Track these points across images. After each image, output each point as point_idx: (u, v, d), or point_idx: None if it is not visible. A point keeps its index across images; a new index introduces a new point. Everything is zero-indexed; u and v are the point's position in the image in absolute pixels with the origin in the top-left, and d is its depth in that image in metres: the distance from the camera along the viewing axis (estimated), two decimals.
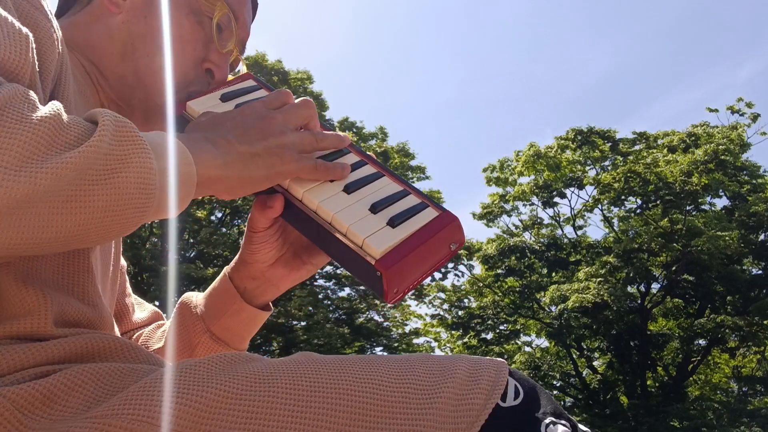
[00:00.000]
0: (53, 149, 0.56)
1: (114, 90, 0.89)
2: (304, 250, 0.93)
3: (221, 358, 0.67)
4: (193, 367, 0.64)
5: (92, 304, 0.77)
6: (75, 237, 0.59)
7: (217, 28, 0.92)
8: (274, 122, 0.78)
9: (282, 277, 0.93)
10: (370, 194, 0.82)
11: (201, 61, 0.92)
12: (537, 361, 16.83)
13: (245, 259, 0.93)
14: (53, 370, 0.64)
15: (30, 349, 0.65)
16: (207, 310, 0.96)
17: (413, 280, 0.77)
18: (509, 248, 17.54)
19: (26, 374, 0.63)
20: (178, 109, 0.89)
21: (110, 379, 0.64)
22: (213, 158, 0.71)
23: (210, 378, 0.62)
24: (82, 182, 0.57)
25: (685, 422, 14.20)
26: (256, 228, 0.89)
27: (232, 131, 0.75)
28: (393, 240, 0.75)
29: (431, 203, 0.82)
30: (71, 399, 0.61)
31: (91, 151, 0.57)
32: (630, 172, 16.10)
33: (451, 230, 0.80)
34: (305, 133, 0.81)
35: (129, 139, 0.61)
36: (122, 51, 0.87)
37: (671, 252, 15.57)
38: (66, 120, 0.59)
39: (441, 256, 0.80)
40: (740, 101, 16.84)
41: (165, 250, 13.31)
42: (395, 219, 0.78)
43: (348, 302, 17.11)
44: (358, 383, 0.64)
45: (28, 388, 0.59)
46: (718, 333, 15.07)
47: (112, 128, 0.60)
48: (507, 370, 0.70)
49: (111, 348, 0.72)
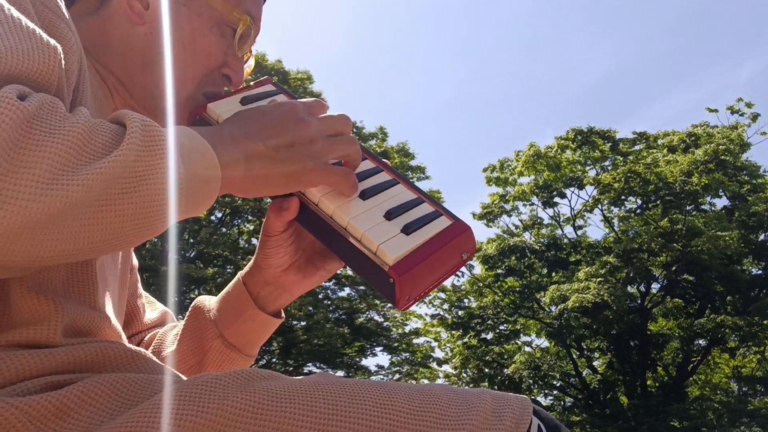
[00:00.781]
0: (83, 159, 0.56)
1: (135, 99, 0.89)
2: (317, 255, 0.93)
3: (239, 374, 0.66)
4: (209, 383, 0.63)
5: (98, 311, 0.77)
6: (105, 245, 0.59)
7: (239, 38, 0.92)
8: (309, 128, 0.77)
9: (295, 282, 0.94)
10: (385, 201, 0.83)
11: (220, 66, 0.93)
12: (537, 361, 16.82)
13: (259, 264, 0.93)
14: (64, 380, 0.64)
15: (37, 356, 0.64)
16: (220, 315, 0.96)
17: (425, 288, 0.78)
18: (509, 248, 17.54)
19: (36, 383, 0.62)
20: (199, 110, 0.90)
21: (125, 393, 0.64)
22: (235, 161, 0.70)
23: (226, 394, 0.61)
24: (112, 191, 0.57)
25: (685, 422, 14.19)
26: (271, 231, 0.89)
27: (264, 130, 0.74)
28: (407, 247, 0.77)
29: (444, 212, 0.84)
30: (84, 413, 0.61)
31: (120, 159, 0.57)
32: (630, 172, 16.10)
33: (464, 239, 0.82)
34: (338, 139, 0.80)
35: (156, 143, 0.61)
36: (144, 62, 0.87)
37: (671, 252, 15.57)
38: (94, 126, 0.59)
39: (452, 264, 0.81)
40: (740, 101, 16.84)
41: (165, 250, 13.31)
42: (410, 226, 0.79)
43: (348, 302, 17.10)
44: (378, 411, 0.63)
45: (41, 400, 0.59)
46: (718, 333, 15.06)
47: (140, 133, 0.60)
48: (531, 408, 0.69)
49: (120, 357, 0.71)
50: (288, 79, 16.22)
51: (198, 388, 0.62)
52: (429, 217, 0.82)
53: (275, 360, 15.93)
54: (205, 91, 0.92)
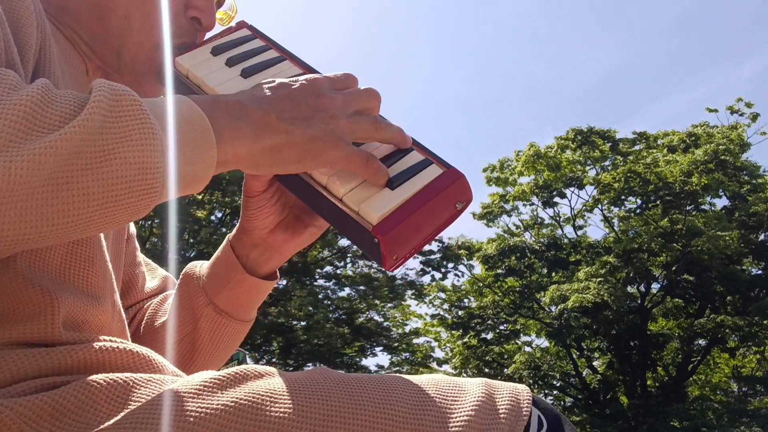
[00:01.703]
0: (33, 132, 0.50)
1: (98, 56, 0.83)
2: (305, 212, 0.89)
3: (234, 373, 0.65)
4: (206, 383, 0.62)
5: (95, 296, 0.75)
6: (71, 228, 0.53)
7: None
8: (332, 103, 0.69)
9: (284, 242, 0.89)
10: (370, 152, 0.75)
11: (184, 9, 0.85)
12: (537, 361, 16.81)
13: (244, 226, 0.89)
14: (61, 381, 0.62)
15: (35, 356, 0.63)
16: (209, 281, 0.93)
17: (415, 244, 0.72)
18: (509, 248, 17.54)
19: (32, 384, 0.61)
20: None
21: (121, 393, 0.63)
22: (241, 135, 0.63)
23: (223, 394, 0.61)
24: (71, 168, 0.51)
25: (685, 422, 14.19)
26: (252, 192, 0.84)
27: (279, 102, 0.67)
28: (391, 203, 0.70)
29: (435, 159, 0.77)
30: (80, 413, 0.59)
31: (78, 131, 0.51)
32: (630, 172, 16.10)
33: (457, 188, 0.74)
34: (363, 118, 0.72)
35: (128, 112, 0.54)
36: (99, 15, 0.81)
37: (671, 252, 15.57)
38: (50, 97, 0.53)
39: (446, 216, 0.75)
40: (740, 101, 16.84)
41: (165, 250, 13.30)
42: (394, 180, 0.72)
43: (348, 302, 17.10)
44: (375, 405, 0.62)
45: (36, 401, 0.57)
46: (718, 333, 15.06)
47: (107, 101, 0.54)
48: (531, 399, 0.68)
49: (120, 358, 0.70)
50: None
51: (195, 388, 0.61)
52: (417, 167, 0.75)
53: (275, 360, 15.93)
54: (177, 42, 0.85)
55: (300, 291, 15.46)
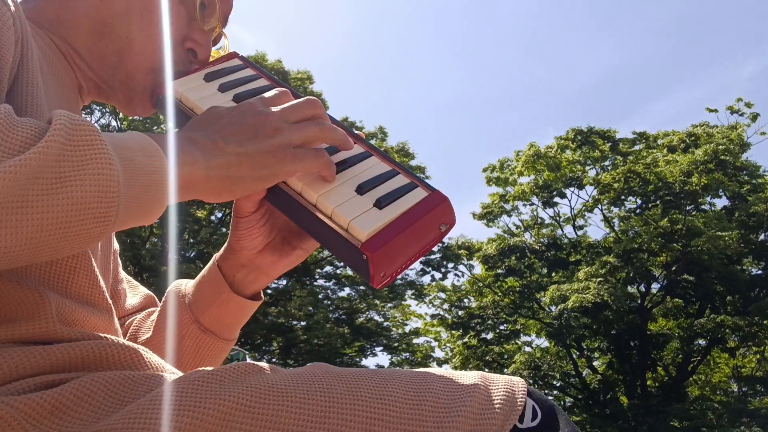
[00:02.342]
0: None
1: (93, 70, 0.85)
2: (293, 235, 0.90)
3: (233, 369, 0.65)
4: (205, 378, 0.62)
5: (87, 303, 0.76)
6: (22, 254, 0.54)
7: (200, 6, 0.89)
8: (269, 118, 0.72)
9: (271, 263, 0.90)
10: (357, 174, 0.79)
11: (183, 40, 0.89)
12: (537, 361, 16.82)
13: (233, 247, 0.90)
14: (60, 379, 0.63)
15: (33, 354, 0.63)
16: (195, 300, 0.94)
17: (402, 263, 0.74)
18: (509, 248, 17.54)
19: (32, 382, 0.61)
20: (161, 89, 0.86)
21: (120, 390, 0.63)
22: (193, 161, 0.66)
23: (222, 390, 0.61)
24: (27, 193, 0.52)
25: (685, 422, 14.20)
26: (242, 213, 0.86)
27: (222, 129, 0.70)
28: (380, 222, 0.73)
29: (420, 183, 0.80)
30: (80, 410, 0.60)
31: (37, 158, 0.52)
32: (630, 172, 16.11)
33: (441, 211, 0.77)
34: (307, 123, 0.74)
35: (86, 141, 0.56)
36: (100, 30, 0.83)
37: (671, 252, 15.57)
38: (11, 123, 0.54)
39: (431, 237, 0.77)
40: (740, 101, 16.85)
41: (165, 250, 13.31)
42: (382, 200, 0.75)
43: (348, 302, 17.11)
44: (374, 399, 0.63)
45: (37, 398, 0.58)
46: (718, 333, 15.07)
47: (66, 130, 0.55)
48: (526, 390, 0.69)
49: (117, 355, 0.70)
50: (288, 79, 16.21)
51: (194, 384, 0.61)
52: (404, 189, 0.78)
53: (275, 360, 15.93)
54: (172, 69, 0.88)
55: (300, 291, 15.47)
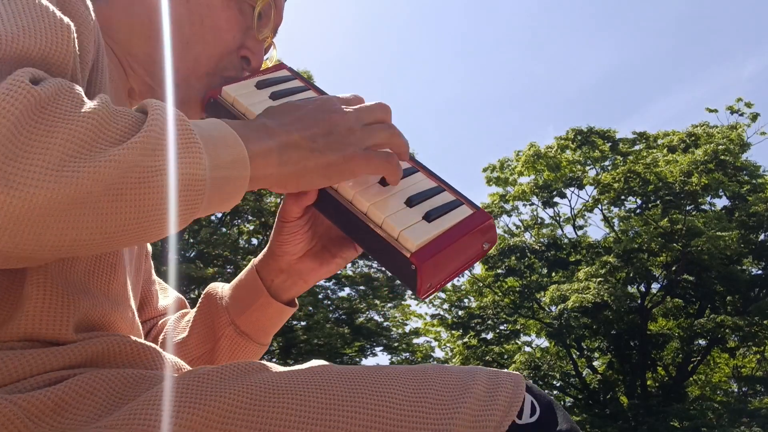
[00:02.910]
0: (98, 145, 0.54)
1: (149, 74, 0.87)
2: (333, 243, 0.91)
3: (234, 367, 0.66)
4: (204, 376, 0.63)
5: (116, 302, 0.76)
6: (122, 237, 0.57)
7: (257, 16, 0.90)
8: (345, 118, 0.74)
9: (311, 270, 0.91)
10: (406, 188, 0.81)
11: (238, 47, 0.91)
12: (537, 361, 16.82)
13: (274, 251, 0.91)
14: (66, 375, 0.63)
15: (47, 354, 0.64)
16: (232, 303, 0.95)
17: (445, 276, 0.77)
18: (509, 248, 17.54)
19: (38, 380, 0.62)
20: (213, 93, 0.88)
21: (121, 387, 0.64)
22: (268, 152, 0.68)
23: (222, 388, 0.61)
24: (130, 179, 0.54)
25: (685, 422, 14.20)
26: (288, 217, 0.87)
27: (298, 121, 0.72)
28: (429, 234, 0.75)
29: (465, 201, 0.83)
30: (81, 407, 0.60)
31: (138, 147, 0.55)
32: (630, 172, 16.10)
33: (485, 229, 0.80)
34: (378, 127, 0.77)
35: (180, 132, 0.59)
36: (153, 33, 0.85)
37: (671, 252, 15.57)
38: (113, 113, 0.56)
39: (473, 254, 0.80)
40: (740, 101, 16.85)
41: (165, 250, 13.31)
42: (431, 213, 0.78)
43: (348, 302, 17.11)
44: (373, 397, 0.63)
45: (39, 396, 0.58)
46: (718, 333, 15.06)
47: (162, 121, 0.58)
48: (524, 386, 0.69)
49: (126, 351, 0.71)
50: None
51: (194, 381, 0.62)
52: (451, 205, 0.81)
53: (275, 360, 15.93)
54: (224, 74, 0.90)
55: None
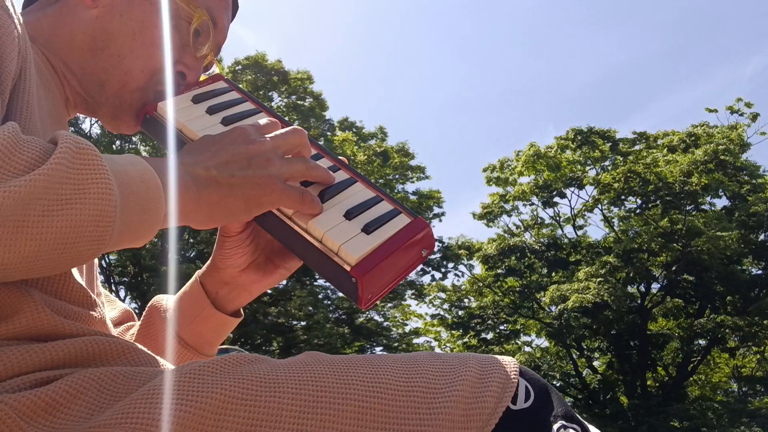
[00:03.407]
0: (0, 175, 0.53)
1: (82, 85, 0.87)
2: (276, 254, 0.92)
3: (226, 359, 0.66)
4: (196, 371, 0.63)
5: (81, 305, 0.76)
6: (19, 269, 0.56)
7: (194, 33, 0.90)
8: (261, 148, 0.75)
9: (254, 282, 0.93)
10: (344, 200, 0.83)
11: (174, 63, 0.90)
12: (537, 361, 16.83)
13: (217, 265, 0.92)
14: (54, 375, 0.63)
15: (30, 352, 0.64)
16: (177, 315, 0.95)
17: (386, 285, 0.79)
18: (509, 248, 17.55)
19: (27, 379, 0.62)
20: (149, 109, 0.88)
21: (113, 385, 0.64)
22: (187, 189, 0.69)
23: (214, 382, 0.61)
24: (31, 211, 0.53)
25: (685, 422, 14.21)
26: (229, 232, 0.88)
27: (214, 158, 0.72)
28: (368, 247, 0.77)
29: (403, 209, 0.85)
30: (74, 407, 0.60)
31: (41, 179, 0.54)
32: (630, 172, 16.11)
33: (423, 236, 0.83)
34: (295, 159, 0.78)
35: (89, 165, 0.58)
36: (92, 47, 0.85)
37: (671, 252, 15.58)
38: (19, 142, 0.56)
39: (412, 261, 0.82)
40: (739, 101, 16.85)
41: (165, 250, 13.31)
42: (370, 225, 0.79)
43: (348, 302, 17.10)
44: (365, 386, 0.64)
45: (31, 396, 0.58)
46: (718, 333, 15.07)
47: (72, 153, 0.57)
48: (518, 370, 0.69)
49: (113, 350, 0.71)
50: (288, 79, 16.22)
51: (186, 376, 0.62)
52: (388, 216, 0.82)
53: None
54: (158, 88, 0.89)
55: (300, 291, 15.47)
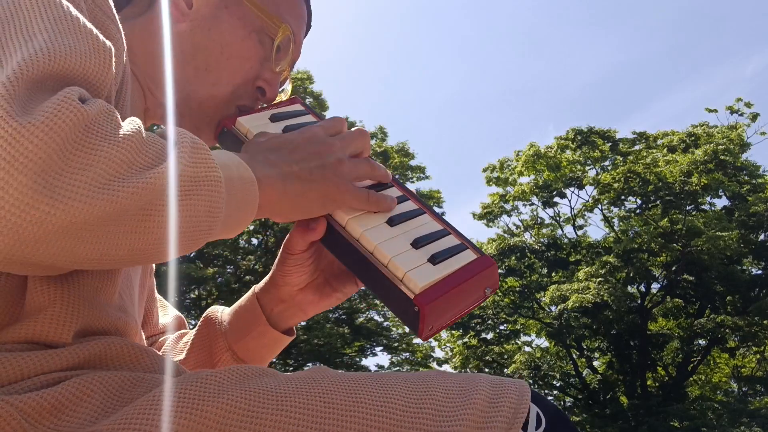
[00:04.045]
0: (134, 168, 0.57)
1: (166, 97, 0.89)
2: (335, 277, 0.93)
3: (233, 370, 0.66)
4: (203, 380, 0.63)
5: (121, 310, 0.76)
6: (144, 255, 0.60)
7: (276, 49, 0.92)
8: (332, 149, 0.79)
9: (311, 302, 0.93)
10: (412, 229, 0.82)
11: (255, 78, 0.92)
12: (537, 361, 16.83)
13: (276, 281, 0.92)
14: (64, 377, 0.63)
15: (45, 357, 0.64)
16: (231, 328, 0.95)
17: (447, 319, 0.77)
18: (509, 248, 17.54)
19: (36, 381, 0.62)
20: (227, 123, 0.90)
21: (119, 390, 0.63)
22: (273, 183, 0.73)
23: (220, 392, 0.61)
24: (158, 203, 0.58)
25: (685, 422, 14.20)
26: (293, 250, 0.88)
27: (292, 155, 0.77)
28: (433, 276, 0.76)
29: (470, 245, 0.84)
30: (79, 409, 0.60)
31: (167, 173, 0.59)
32: (630, 172, 16.11)
33: (488, 274, 0.81)
34: (361, 161, 0.82)
35: (204, 162, 0.62)
36: (180, 59, 0.87)
37: (671, 252, 15.57)
38: (147, 138, 0.60)
39: (475, 298, 0.81)
40: (739, 101, 16.85)
41: None
42: (437, 256, 0.78)
43: (348, 302, 17.10)
44: (373, 404, 0.63)
45: (36, 398, 0.59)
46: (718, 333, 15.07)
47: (189, 150, 0.62)
48: (530, 395, 0.68)
49: (125, 354, 0.71)
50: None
51: (194, 385, 0.62)
52: (455, 249, 0.82)
53: (275, 360, 15.92)
54: (239, 103, 0.92)
55: None
